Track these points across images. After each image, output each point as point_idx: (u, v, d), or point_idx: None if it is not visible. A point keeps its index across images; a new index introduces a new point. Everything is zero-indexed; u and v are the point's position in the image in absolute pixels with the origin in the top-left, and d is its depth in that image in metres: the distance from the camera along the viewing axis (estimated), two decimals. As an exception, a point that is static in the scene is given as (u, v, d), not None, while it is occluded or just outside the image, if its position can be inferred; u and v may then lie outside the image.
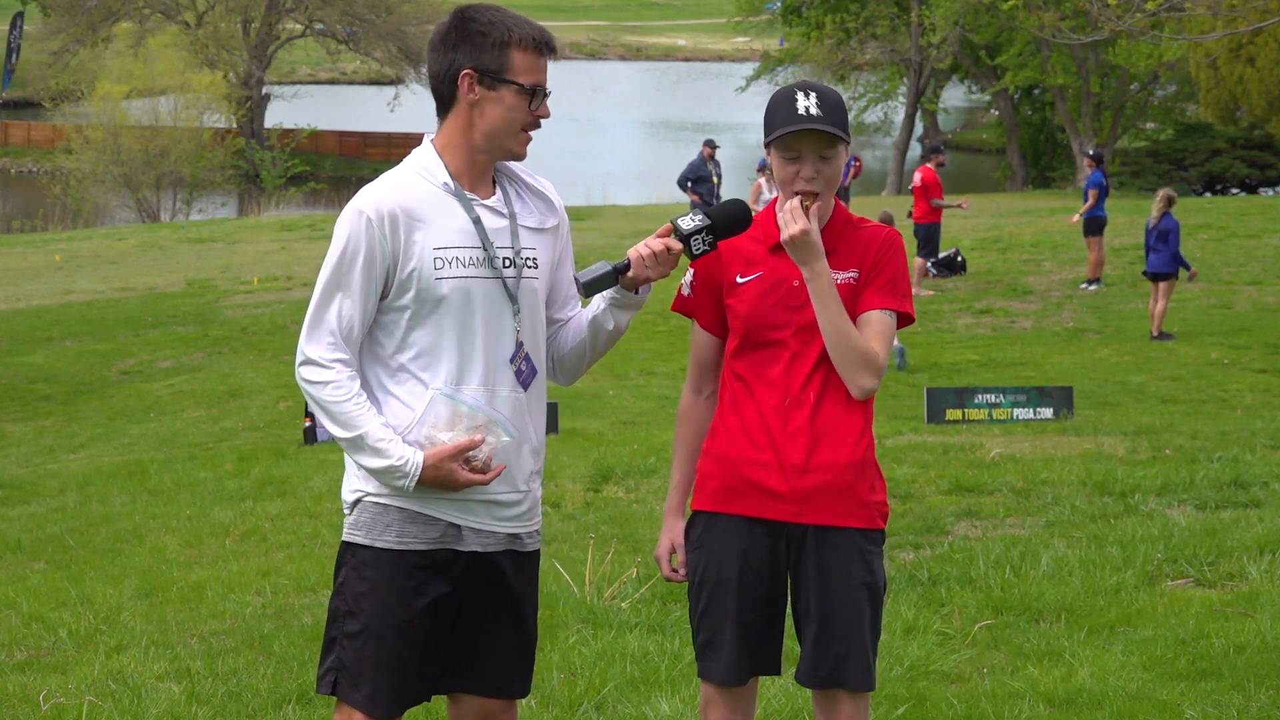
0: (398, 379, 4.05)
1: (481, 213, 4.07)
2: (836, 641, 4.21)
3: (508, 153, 4.10)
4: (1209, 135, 47.23)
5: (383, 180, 4.10)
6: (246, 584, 8.17)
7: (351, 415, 3.99)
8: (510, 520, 4.12)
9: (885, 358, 4.21)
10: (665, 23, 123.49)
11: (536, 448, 4.17)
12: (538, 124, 4.10)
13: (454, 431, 4.01)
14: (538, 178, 4.24)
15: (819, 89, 4.22)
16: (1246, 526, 8.41)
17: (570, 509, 10.03)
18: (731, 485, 4.26)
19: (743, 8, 62.68)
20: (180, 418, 17.66)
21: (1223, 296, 22.27)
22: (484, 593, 4.12)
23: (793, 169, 4.19)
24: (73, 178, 51.50)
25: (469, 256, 4.03)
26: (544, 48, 4.08)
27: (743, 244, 4.29)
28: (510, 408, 4.08)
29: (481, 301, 4.04)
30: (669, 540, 4.39)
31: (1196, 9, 21.31)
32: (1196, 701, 5.78)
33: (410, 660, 4.05)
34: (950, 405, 13.90)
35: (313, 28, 65.37)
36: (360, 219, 4.01)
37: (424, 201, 4.04)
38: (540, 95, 4.07)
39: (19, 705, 6.10)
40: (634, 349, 20.11)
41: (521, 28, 4.06)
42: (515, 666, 4.20)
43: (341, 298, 4.02)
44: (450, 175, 4.08)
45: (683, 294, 4.38)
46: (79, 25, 60.93)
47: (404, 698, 4.08)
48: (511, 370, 4.07)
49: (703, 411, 4.39)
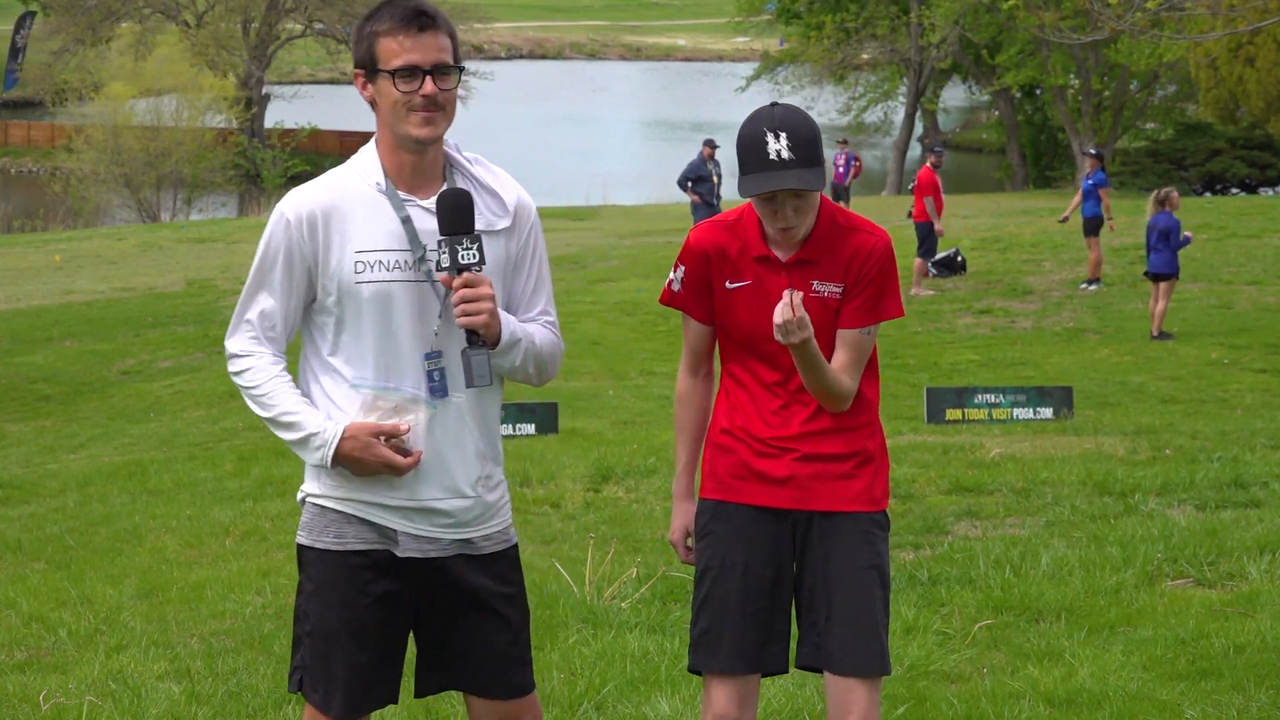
0: (333, 380, 4.00)
1: (413, 212, 3.96)
2: (849, 625, 4.19)
3: (410, 139, 3.93)
4: (1209, 135, 47.28)
5: (316, 180, 4.04)
6: (246, 584, 8.17)
7: (269, 394, 3.98)
8: (453, 527, 4.02)
9: (857, 381, 4.23)
10: (665, 23, 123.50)
11: (485, 452, 4.05)
12: (431, 103, 3.91)
13: (374, 415, 3.96)
14: (499, 175, 4.09)
15: (788, 125, 4.08)
16: (1246, 526, 8.41)
17: (570, 509, 10.03)
18: (737, 474, 4.27)
19: (743, 8, 62.70)
20: (180, 418, 17.66)
21: (1223, 296, 22.27)
22: (441, 595, 4.04)
23: (769, 209, 4.15)
24: (73, 177, 51.53)
25: (393, 259, 3.93)
26: (412, 24, 3.90)
27: (729, 250, 4.26)
28: (441, 411, 3.97)
29: (403, 304, 3.94)
30: (683, 524, 4.39)
31: (1196, 9, 21.32)
32: (1196, 701, 5.78)
33: (364, 660, 3.99)
34: (950, 405, 13.90)
35: (313, 28, 65.39)
36: (280, 221, 3.98)
37: (353, 202, 3.96)
38: (411, 73, 3.89)
39: (19, 705, 6.10)
40: (634, 349, 20.12)
41: (386, 13, 3.93)
42: (503, 666, 4.12)
43: (263, 296, 4.01)
44: (384, 175, 3.99)
45: (672, 289, 4.35)
46: (79, 25, 60.97)
47: (361, 697, 4.02)
48: (425, 372, 3.95)
49: (701, 391, 4.40)
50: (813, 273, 4.22)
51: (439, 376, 3.96)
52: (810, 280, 4.22)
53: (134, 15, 62.74)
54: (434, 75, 3.91)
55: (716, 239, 4.28)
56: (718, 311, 4.30)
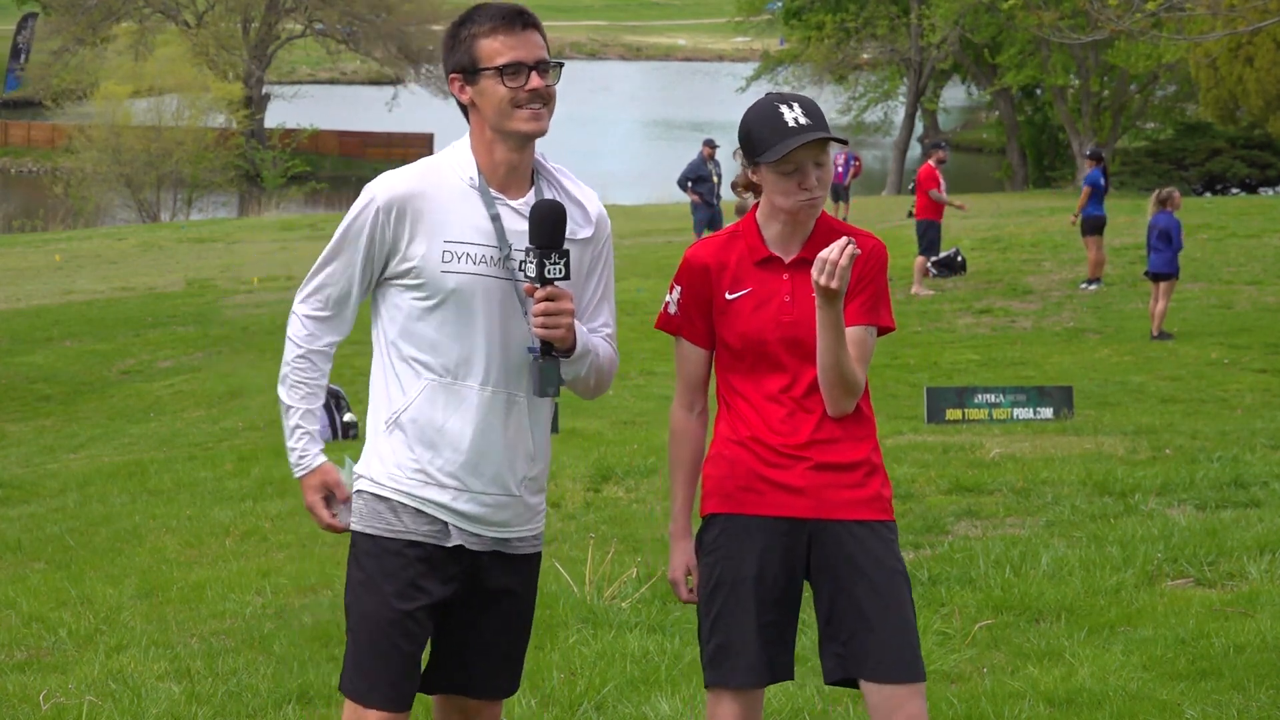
0: (405, 363, 4.06)
1: (503, 211, 4.04)
2: (888, 631, 4.13)
3: (517, 135, 4.02)
4: (1209, 135, 47.29)
5: (410, 167, 4.12)
6: (246, 584, 8.17)
7: (297, 385, 4.13)
8: (495, 525, 4.08)
9: (864, 378, 4.21)
10: (665, 23, 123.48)
11: (533, 454, 4.12)
12: (538, 97, 4.01)
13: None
14: (581, 186, 4.19)
15: (797, 98, 4.18)
16: (1246, 526, 8.40)
17: (570, 509, 10.03)
18: (748, 485, 4.21)
19: (743, 8, 62.68)
20: (180, 418, 17.66)
21: (1223, 296, 22.26)
22: (473, 591, 4.09)
23: (792, 182, 4.14)
24: (74, 177, 51.55)
25: (481, 254, 4.01)
26: (513, 23, 4.01)
27: (729, 258, 4.24)
28: (505, 408, 4.05)
29: (487, 300, 4.01)
30: (683, 563, 4.31)
31: (1196, 9, 21.32)
32: (1196, 701, 5.77)
33: (408, 652, 4.03)
34: (950, 405, 13.89)
35: (313, 28, 65.41)
36: (369, 203, 4.07)
37: (445, 194, 4.04)
38: (517, 69, 3.99)
39: (19, 705, 6.10)
40: (634, 349, 20.12)
41: (484, 15, 4.02)
42: (502, 667, 4.18)
43: (337, 268, 4.12)
44: (478, 172, 4.06)
45: (668, 312, 4.31)
46: (79, 25, 60.97)
47: (405, 690, 4.05)
48: (530, 367, 4.03)
49: (697, 430, 4.33)
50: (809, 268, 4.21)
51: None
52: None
53: (134, 15, 62.75)
54: (538, 70, 4.01)
55: (714, 252, 4.27)
56: (718, 327, 4.26)
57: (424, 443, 4.04)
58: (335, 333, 4.16)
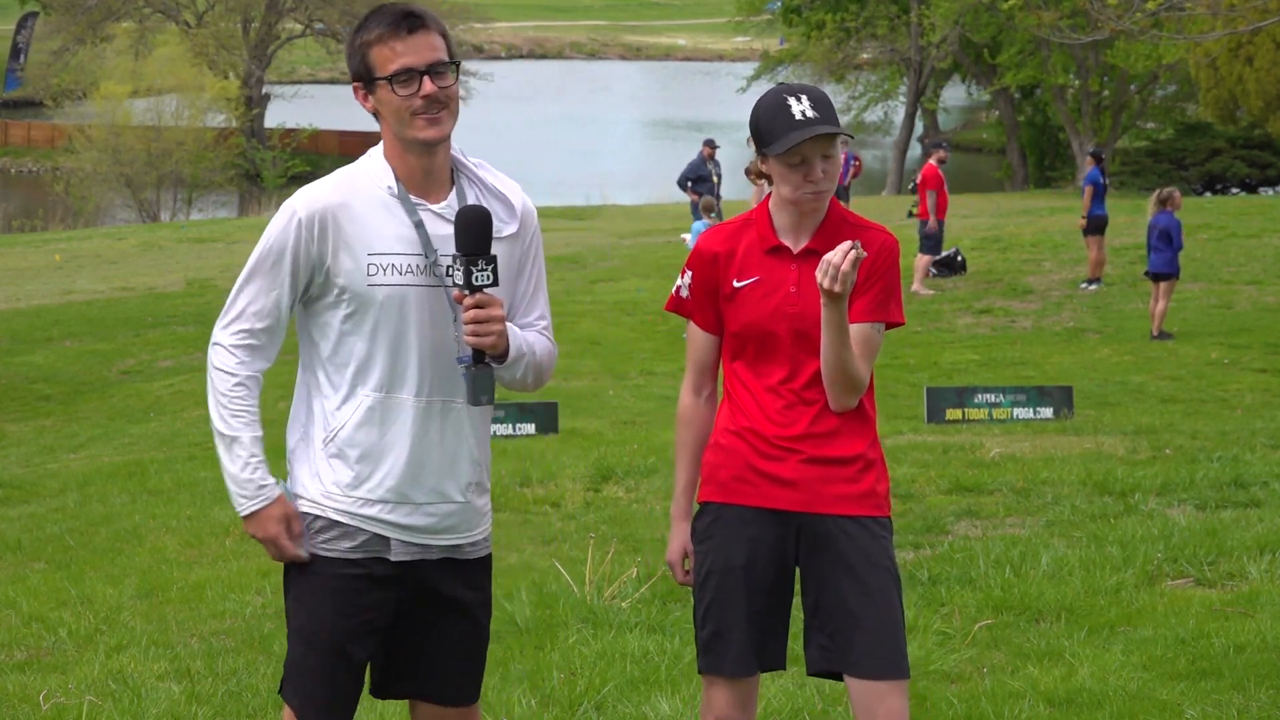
0: (337, 379, 3.98)
1: (425, 217, 3.94)
2: (873, 628, 4.15)
3: (418, 142, 3.91)
4: (1209, 135, 47.27)
5: (327, 179, 4.01)
6: (246, 584, 8.17)
7: (240, 413, 3.99)
8: (443, 532, 4.01)
9: (869, 375, 4.21)
10: (665, 23, 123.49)
11: (476, 458, 4.05)
12: (434, 102, 3.88)
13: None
14: (503, 180, 4.08)
15: (806, 90, 4.18)
16: (1246, 526, 8.41)
17: (570, 509, 10.03)
18: (741, 475, 4.23)
19: (743, 8, 62.72)
20: (180, 418, 17.66)
21: (1223, 296, 22.26)
22: (424, 601, 4.03)
23: (799, 174, 4.15)
24: (74, 177, 51.56)
25: (406, 263, 3.91)
26: (400, 28, 3.87)
27: (737, 246, 4.26)
28: (441, 416, 3.98)
29: (417, 309, 3.93)
30: (680, 545, 4.34)
31: (1196, 9, 21.32)
32: (1196, 701, 5.78)
33: (343, 671, 3.98)
34: (950, 405, 13.90)
35: (313, 28, 65.41)
36: (290, 217, 3.94)
37: (365, 204, 3.93)
38: (408, 77, 3.86)
39: (19, 705, 6.10)
40: (634, 349, 20.11)
41: (374, 22, 3.92)
42: (470, 672, 4.12)
43: (260, 289, 3.96)
44: (395, 179, 3.96)
45: (680, 295, 4.33)
46: (79, 24, 61.01)
47: (336, 706, 4.00)
48: (462, 374, 3.93)
49: (704, 413, 4.36)
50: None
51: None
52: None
53: (134, 15, 62.76)
54: (431, 75, 3.89)
55: (725, 240, 4.29)
56: (725, 314, 4.28)
57: (361, 459, 3.96)
58: (264, 359, 4.01)
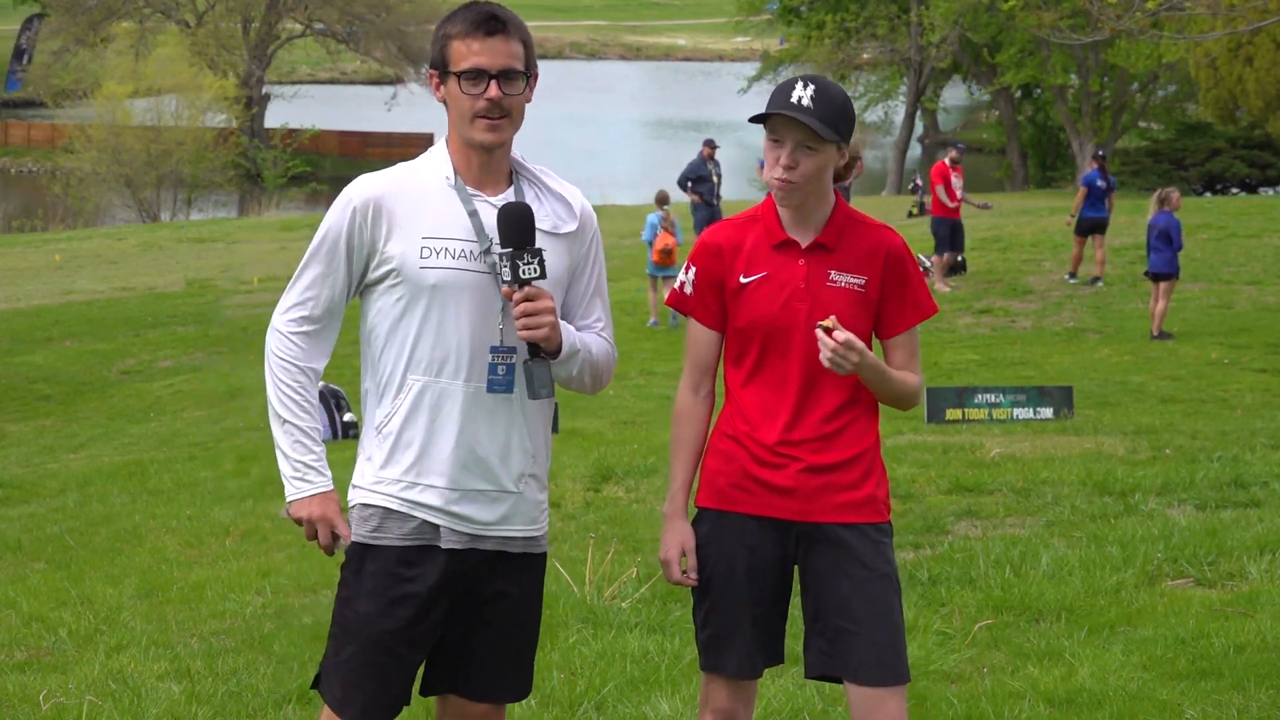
0: (390, 365, 4.02)
1: (480, 207, 4.01)
2: (872, 634, 4.15)
3: (474, 143, 4.00)
4: (1209, 135, 47.30)
5: (387, 170, 4.10)
6: (246, 584, 8.17)
7: (297, 401, 4.05)
8: (494, 524, 4.02)
9: (919, 373, 4.29)
10: (665, 23, 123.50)
11: (531, 451, 4.05)
12: (496, 108, 3.96)
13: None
14: (564, 184, 4.15)
15: (822, 84, 4.14)
16: (1246, 526, 8.41)
17: (570, 509, 10.03)
18: (739, 483, 4.22)
19: (743, 8, 62.71)
20: (180, 418, 17.66)
21: (1223, 296, 22.26)
22: (473, 594, 4.03)
23: (773, 154, 4.17)
24: (74, 177, 51.56)
25: (459, 248, 3.97)
26: (481, 29, 3.94)
27: (743, 243, 4.24)
28: (493, 402, 3.99)
29: (467, 295, 3.97)
30: (677, 543, 4.28)
31: (1196, 9, 21.31)
32: (1196, 701, 5.78)
33: (390, 663, 3.99)
34: (950, 405, 13.89)
35: (313, 27, 65.44)
36: (346, 206, 4.04)
37: (421, 193, 4.00)
38: (478, 77, 3.94)
39: (19, 705, 6.10)
40: (634, 349, 20.11)
41: (461, 16, 3.98)
42: (507, 671, 4.11)
43: (316, 276, 4.06)
44: (454, 170, 4.04)
45: (683, 292, 4.31)
46: (79, 25, 60.99)
47: (383, 701, 4.01)
48: (488, 364, 3.97)
49: (701, 411, 4.33)
50: (829, 261, 4.20)
51: (504, 371, 3.98)
52: (828, 269, 4.20)
53: (134, 15, 62.75)
54: (500, 80, 3.95)
55: (731, 234, 4.28)
56: (730, 311, 4.26)
57: (410, 444, 3.99)
58: (320, 351, 4.08)
